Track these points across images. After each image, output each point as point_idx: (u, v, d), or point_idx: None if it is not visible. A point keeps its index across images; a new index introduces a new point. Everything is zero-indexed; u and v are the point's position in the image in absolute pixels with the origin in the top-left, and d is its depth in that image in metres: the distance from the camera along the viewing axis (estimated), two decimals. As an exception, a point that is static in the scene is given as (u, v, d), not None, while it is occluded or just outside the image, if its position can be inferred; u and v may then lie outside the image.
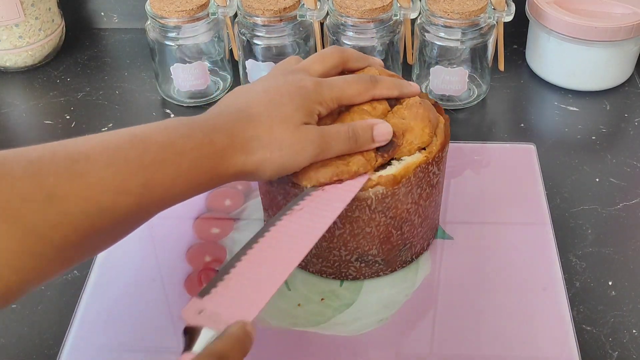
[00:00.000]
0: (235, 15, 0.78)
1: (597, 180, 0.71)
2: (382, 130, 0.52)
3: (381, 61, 0.59)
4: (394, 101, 0.56)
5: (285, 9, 0.75)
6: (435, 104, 0.60)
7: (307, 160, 0.49)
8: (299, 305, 0.57)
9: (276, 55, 0.79)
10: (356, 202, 0.52)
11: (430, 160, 0.54)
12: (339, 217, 0.52)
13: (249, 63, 0.79)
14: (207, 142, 0.46)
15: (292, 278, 0.59)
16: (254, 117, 0.48)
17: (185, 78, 0.80)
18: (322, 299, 0.58)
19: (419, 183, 0.54)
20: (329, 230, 0.52)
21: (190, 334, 0.40)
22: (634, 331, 0.56)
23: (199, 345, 0.39)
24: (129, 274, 0.61)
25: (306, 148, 0.49)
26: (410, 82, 0.57)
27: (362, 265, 0.57)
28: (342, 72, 0.56)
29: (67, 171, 0.41)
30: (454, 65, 0.77)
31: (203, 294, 0.43)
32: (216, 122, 0.48)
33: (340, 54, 0.56)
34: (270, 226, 0.48)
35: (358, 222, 0.54)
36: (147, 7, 0.77)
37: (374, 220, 0.54)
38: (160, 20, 0.76)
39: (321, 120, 0.52)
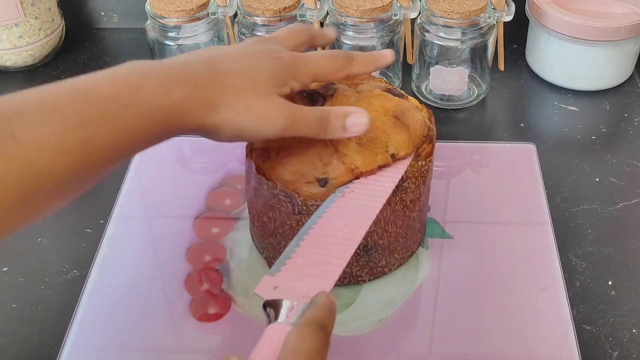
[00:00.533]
0: (235, 15, 0.78)
1: (597, 180, 0.71)
2: (357, 120, 0.49)
3: (336, 32, 0.58)
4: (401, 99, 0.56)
5: (285, 8, 0.75)
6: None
7: (271, 132, 0.47)
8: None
9: (276, 55, 0.79)
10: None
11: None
12: None
13: (249, 63, 0.79)
14: (161, 93, 0.42)
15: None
16: (223, 74, 0.45)
17: (185, 78, 0.80)
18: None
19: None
20: None
21: (271, 307, 0.40)
22: (633, 331, 0.56)
23: (284, 315, 0.40)
24: (129, 273, 0.61)
25: (274, 118, 0.46)
26: (383, 52, 0.55)
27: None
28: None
29: None
30: (454, 65, 0.77)
31: (274, 272, 0.43)
32: (178, 72, 0.44)
33: (309, 31, 0.55)
34: (321, 212, 0.49)
35: None
36: (147, 6, 0.77)
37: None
38: (160, 20, 0.76)
39: (298, 97, 0.52)
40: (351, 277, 0.58)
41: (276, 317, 0.40)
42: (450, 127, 0.78)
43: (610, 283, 0.60)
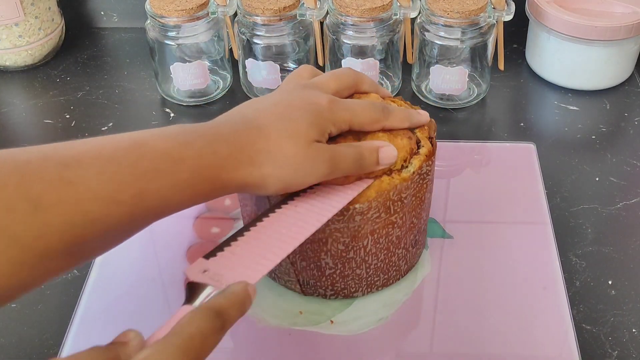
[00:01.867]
0: (235, 14, 0.78)
1: (597, 179, 0.71)
2: (388, 154, 0.50)
3: (389, 92, 0.57)
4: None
5: (285, 8, 0.75)
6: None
7: (315, 179, 0.47)
8: (300, 312, 0.57)
9: (276, 54, 0.79)
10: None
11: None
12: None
13: (249, 62, 0.79)
14: (209, 151, 0.44)
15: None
16: (262, 129, 0.46)
17: (185, 77, 0.80)
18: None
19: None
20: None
21: (192, 290, 0.41)
22: (633, 330, 0.56)
23: (199, 300, 0.41)
24: (129, 273, 0.61)
25: (317, 167, 0.47)
26: (419, 110, 0.55)
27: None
28: (352, 96, 0.55)
29: (55, 178, 0.39)
30: (454, 65, 0.77)
31: (209, 256, 0.44)
32: (220, 131, 0.45)
33: (355, 76, 0.54)
34: (276, 207, 0.49)
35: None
36: (147, 6, 0.77)
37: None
38: (160, 20, 0.76)
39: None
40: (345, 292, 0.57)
41: (191, 300, 0.41)
42: (450, 127, 0.78)
43: (610, 282, 0.60)
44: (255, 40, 0.78)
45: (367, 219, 0.51)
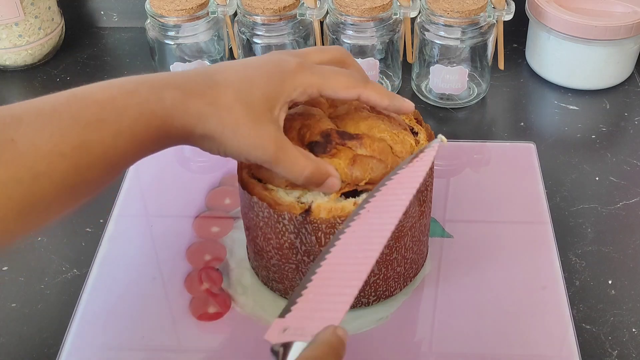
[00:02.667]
0: (235, 14, 0.78)
1: (597, 179, 0.71)
2: (331, 186, 0.48)
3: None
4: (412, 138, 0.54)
5: (285, 7, 0.75)
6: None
7: (253, 159, 0.46)
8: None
9: (276, 54, 0.79)
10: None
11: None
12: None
13: (249, 62, 0.79)
14: (154, 97, 0.42)
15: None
16: (218, 84, 0.44)
17: (185, 77, 0.80)
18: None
19: None
20: None
21: (278, 353, 0.38)
22: (633, 330, 0.56)
23: (290, 358, 0.38)
24: (128, 272, 0.61)
25: (260, 148, 0.45)
26: (406, 99, 0.52)
27: None
28: None
29: None
30: (454, 64, 0.77)
31: (284, 313, 0.41)
32: (172, 79, 0.44)
33: (342, 52, 0.51)
34: (335, 241, 0.45)
35: None
36: (147, 5, 0.77)
37: None
38: (160, 19, 0.76)
39: (310, 125, 0.49)
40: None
41: (284, 358, 0.38)
42: (450, 126, 0.78)
43: (610, 282, 0.60)
44: (255, 40, 0.78)
45: (408, 216, 0.52)
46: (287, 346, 0.38)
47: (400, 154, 0.51)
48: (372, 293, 0.55)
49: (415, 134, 0.55)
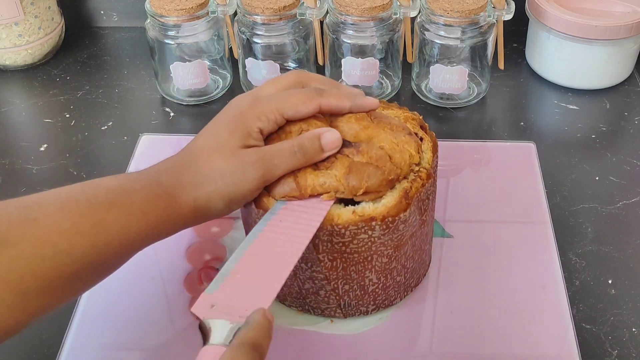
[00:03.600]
0: (235, 13, 0.78)
1: (597, 178, 0.71)
2: (330, 138, 0.49)
3: (359, 91, 0.54)
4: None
5: (285, 7, 0.75)
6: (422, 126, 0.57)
7: (252, 185, 0.48)
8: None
9: (276, 53, 0.79)
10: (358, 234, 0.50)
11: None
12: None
13: (249, 61, 0.79)
14: (154, 182, 0.47)
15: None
16: (195, 153, 0.49)
17: (185, 76, 0.80)
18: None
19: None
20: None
21: (206, 328, 0.41)
22: (633, 329, 0.56)
23: (217, 337, 0.40)
24: (128, 272, 0.61)
25: (247, 171, 0.47)
26: (368, 97, 0.53)
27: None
28: None
29: (19, 217, 0.42)
30: (454, 64, 0.77)
31: (212, 289, 0.44)
32: (162, 165, 0.49)
33: (297, 75, 0.53)
34: (262, 226, 0.48)
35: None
36: (147, 5, 0.77)
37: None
38: (159, 19, 0.76)
39: (273, 138, 0.50)
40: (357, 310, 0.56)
41: (211, 337, 0.40)
42: (450, 126, 0.78)
43: (610, 282, 0.60)
44: (255, 40, 0.78)
45: (408, 225, 0.51)
46: (213, 325, 0.41)
47: (399, 164, 0.50)
48: (371, 302, 0.55)
49: (420, 139, 0.55)
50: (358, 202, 0.50)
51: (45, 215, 0.42)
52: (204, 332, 0.41)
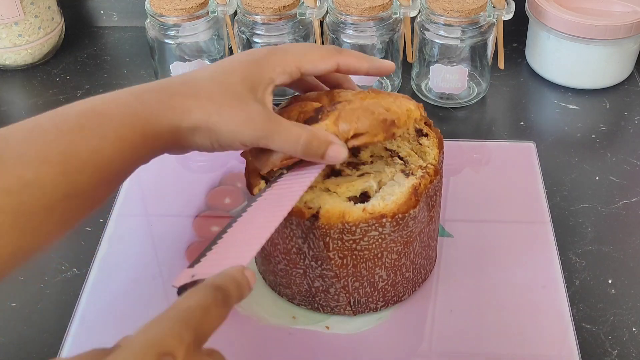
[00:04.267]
0: (235, 13, 0.78)
1: (597, 178, 0.71)
2: (337, 153, 0.47)
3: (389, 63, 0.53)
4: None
5: (284, 7, 0.75)
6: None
7: (244, 140, 0.45)
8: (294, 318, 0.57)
9: (276, 53, 0.79)
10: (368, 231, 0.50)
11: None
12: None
13: (249, 61, 0.79)
14: (134, 101, 0.43)
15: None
16: (195, 81, 0.45)
17: (185, 76, 0.80)
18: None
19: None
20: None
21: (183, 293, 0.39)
22: (633, 329, 0.56)
23: None
24: (128, 271, 0.61)
25: (247, 125, 0.45)
26: (385, 60, 0.53)
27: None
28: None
29: None
30: (454, 64, 0.77)
31: (193, 264, 0.43)
32: (150, 84, 0.45)
33: (335, 50, 0.51)
34: (245, 208, 0.48)
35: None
36: (147, 5, 0.77)
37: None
38: (159, 19, 0.76)
39: (294, 109, 0.49)
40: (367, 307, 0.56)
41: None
42: (450, 126, 0.78)
43: (610, 282, 0.60)
44: (255, 40, 0.77)
45: (418, 221, 0.51)
46: (188, 286, 0.39)
47: (396, 112, 0.49)
48: (380, 298, 0.55)
49: (425, 135, 0.55)
50: (367, 200, 0.50)
51: (9, 149, 0.40)
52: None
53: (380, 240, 0.50)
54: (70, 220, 0.42)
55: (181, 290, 0.40)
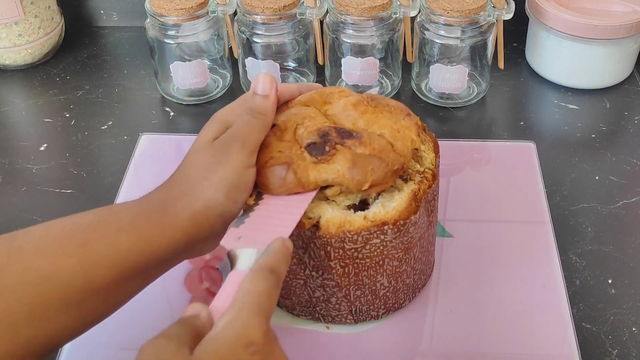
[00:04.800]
0: (235, 13, 0.78)
1: (597, 178, 0.71)
2: (260, 80, 0.49)
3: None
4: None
5: (284, 7, 0.75)
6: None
7: (239, 159, 0.47)
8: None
9: (276, 53, 0.79)
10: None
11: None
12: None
13: (249, 61, 0.79)
14: (144, 200, 0.46)
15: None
16: (178, 169, 0.48)
17: (185, 76, 0.80)
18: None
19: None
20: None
21: (233, 257, 0.43)
22: (633, 329, 0.56)
23: (242, 263, 0.42)
24: (128, 272, 0.61)
25: (226, 151, 0.46)
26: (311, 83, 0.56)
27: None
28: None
29: (4, 246, 0.41)
30: (454, 64, 0.77)
31: (238, 224, 0.46)
32: (150, 192, 0.48)
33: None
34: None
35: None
36: (147, 5, 0.77)
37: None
38: (159, 19, 0.76)
39: (269, 135, 0.50)
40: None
41: (237, 264, 0.43)
42: (450, 126, 0.78)
43: (610, 281, 0.60)
44: (255, 39, 0.77)
45: (418, 227, 0.51)
46: (238, 254, 0.43)
47: (402, 151, 0.50)
48: (381, 306, 0.55)
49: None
50: (366, 207, 0.49)
51: (29, 242, 0.42)
52: (232, 261, 0.43)
53: (381, 247, 0.50)
54: (90, 315, 0.44)
55: (230, 254, 0.43)
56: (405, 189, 0.50)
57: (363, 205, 0.50)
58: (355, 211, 0.49)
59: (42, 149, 0.76)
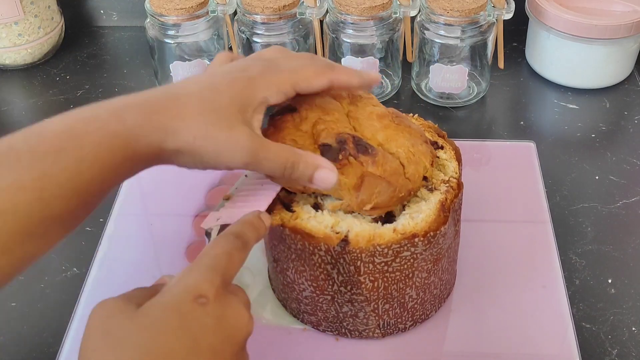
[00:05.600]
0: (235, 13, 0.78)
1: (597, 178, 0.71)
2: (324, 177, 0.45)
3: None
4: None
5: (284, 6, 0.75)
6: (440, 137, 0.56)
7: (232, 164, 0.44)
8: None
9: (276, 53, 0.79)
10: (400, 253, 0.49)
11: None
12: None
13: (249, 61, 0.79)
14: (114, 120, 0.41)
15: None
16: (182, 98, 0.43)
17: (185, 76, 0.80)
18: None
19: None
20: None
21: (209, 234, 0.46)
22: (633, 329, 0.56)
23: (215, 236, 0.45)
24: (128, 271, 0.61)
25: (234, 150, 0.43)
26: (370, 71, 0.51)
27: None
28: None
29: None
30: (454, 63, 0.77)
31: (218, 207, 0.48)
32: (132, 99, 0.43)
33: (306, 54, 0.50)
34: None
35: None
36: (147, 5, 0.77)
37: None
38: (159, 18, 0.76)
39: (287, 120, 0.48)
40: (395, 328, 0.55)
41: (211, 238, 0.45)
42: (450, 125, 0.78)
43: (610, 281, 0.60)
44: (255, 39, 0.77)
45: (447, 237, 0.51)
46: (216, 230, 0.46)
47: (412, 177, 0.49)
48: (409, 318, 0.54)
49: (440, 147, 0.54)
50: (393, 219, 0.49)
51: None
52: (209, 238, 0.45)
53: (412, 260, 0.49)
54: (49, 242, 0.42)
55: (208, 233, 0.46)
56: (432, 199, 0.49)
57: (389, 217, 0.49)
58: (382, 224, 0.48)
59: (42, 148, 0.76)
